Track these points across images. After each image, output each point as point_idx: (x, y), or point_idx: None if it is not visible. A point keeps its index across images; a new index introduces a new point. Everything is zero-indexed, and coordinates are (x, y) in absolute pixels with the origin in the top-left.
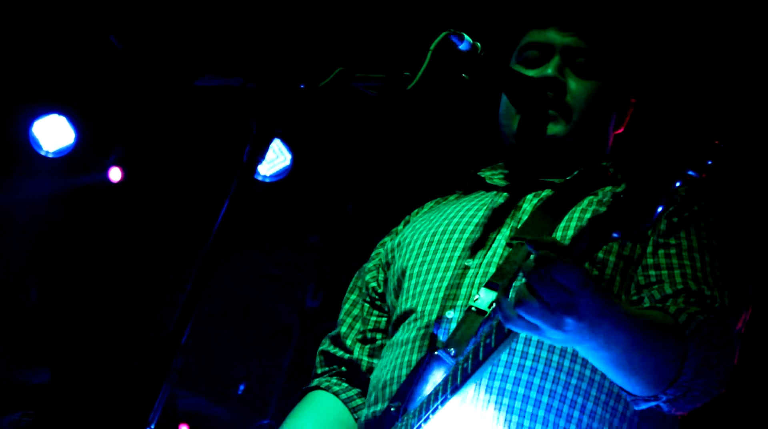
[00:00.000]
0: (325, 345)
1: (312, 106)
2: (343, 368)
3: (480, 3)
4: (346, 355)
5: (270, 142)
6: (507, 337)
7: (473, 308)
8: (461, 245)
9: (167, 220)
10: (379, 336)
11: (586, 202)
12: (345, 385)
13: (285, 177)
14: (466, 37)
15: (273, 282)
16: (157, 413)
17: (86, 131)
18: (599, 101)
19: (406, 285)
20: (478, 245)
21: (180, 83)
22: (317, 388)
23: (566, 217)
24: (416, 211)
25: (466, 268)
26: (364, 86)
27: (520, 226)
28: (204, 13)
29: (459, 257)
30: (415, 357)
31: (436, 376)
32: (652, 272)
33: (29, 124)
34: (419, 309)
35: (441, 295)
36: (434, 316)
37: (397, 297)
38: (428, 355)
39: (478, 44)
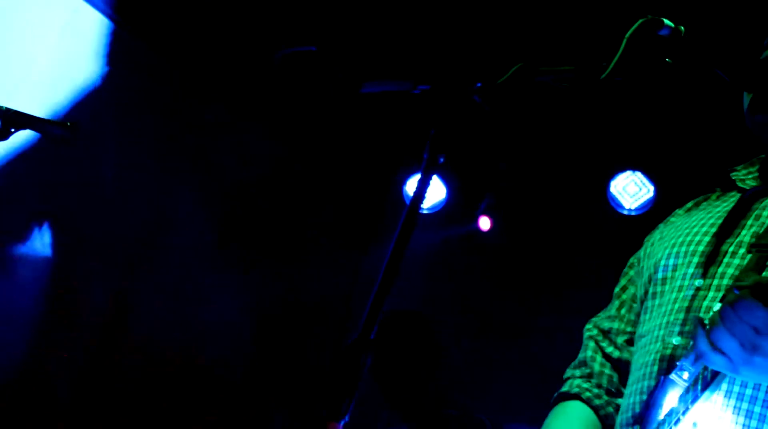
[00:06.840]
0: (594, 333)
1: (489, 105)
2: (608, 369)
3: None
4: (616, 353)
5: (448, 145)
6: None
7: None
8: (695, 260)
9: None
10: None
11: None
12: (606, 398)
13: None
14: (666, 21)
15: None
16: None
17: (456, 186)
18: None
19: (648, 304)
20: (710, 261)
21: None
22: (576, 397)
23: None
24: (681, 209)
25: (698, 289)
26: (552, 80)
27: (762, 231)
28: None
29: (692, 275)
30: (646, 384)
31: (670, 401)
32: None
33: (403, 183)
34: (655, 333)
35: (671, 318)
36: (664, 342)
37: (640, 313)
38: (661, 379)
39: (681, 27)
